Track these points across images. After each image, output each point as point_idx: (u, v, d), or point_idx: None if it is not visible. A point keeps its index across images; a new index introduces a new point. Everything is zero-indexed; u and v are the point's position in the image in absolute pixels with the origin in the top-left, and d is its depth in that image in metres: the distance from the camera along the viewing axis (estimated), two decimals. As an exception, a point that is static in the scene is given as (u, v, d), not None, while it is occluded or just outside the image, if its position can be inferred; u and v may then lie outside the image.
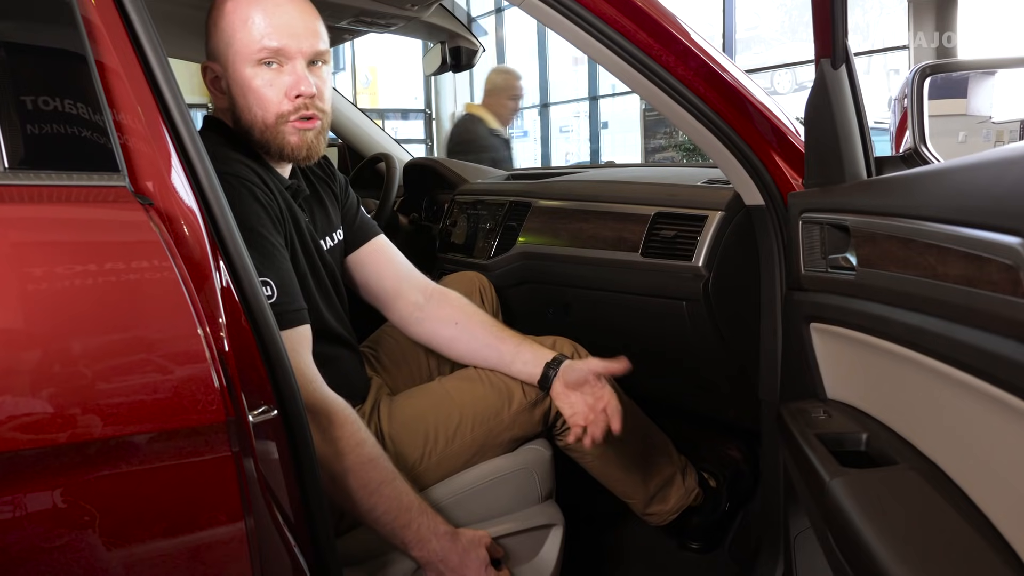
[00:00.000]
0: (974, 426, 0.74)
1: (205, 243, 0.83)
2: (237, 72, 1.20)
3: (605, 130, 11.22)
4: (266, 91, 1.20)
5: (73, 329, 0.74)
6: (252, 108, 1.21)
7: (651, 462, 1.51)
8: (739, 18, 8.92)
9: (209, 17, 1.23)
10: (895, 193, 0.93)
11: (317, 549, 0.94)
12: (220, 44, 1.21)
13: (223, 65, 1.22)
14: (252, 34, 1.18)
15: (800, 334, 1.15)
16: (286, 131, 1.22)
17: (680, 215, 1.57)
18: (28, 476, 0.72)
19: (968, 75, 1.55)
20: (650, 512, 1.54)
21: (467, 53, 2.27)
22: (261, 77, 1.19)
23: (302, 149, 1.24)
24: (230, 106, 1.23)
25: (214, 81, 1.24)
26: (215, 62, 1.23)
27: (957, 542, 0.73)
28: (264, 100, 1.20)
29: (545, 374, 1.33)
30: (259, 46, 1.18)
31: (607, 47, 1.16)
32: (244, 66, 1.19)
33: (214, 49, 1.23)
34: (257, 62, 1.19)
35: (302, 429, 0.91)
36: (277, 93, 1.20)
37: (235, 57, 1.20)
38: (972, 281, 0.69)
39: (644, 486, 1.51)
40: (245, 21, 1.18)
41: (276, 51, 1.19)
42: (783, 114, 1.24)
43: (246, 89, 1.20)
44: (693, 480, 1.56)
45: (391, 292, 1.46)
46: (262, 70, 1.19)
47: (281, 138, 1.22)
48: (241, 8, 1.19)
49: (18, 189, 0.76)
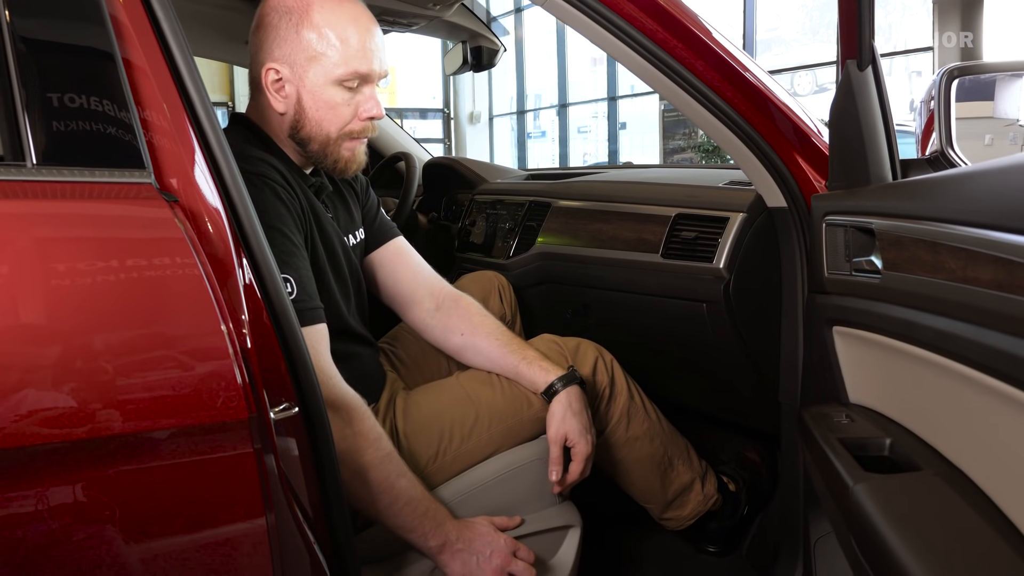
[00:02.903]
0: (1001, 432, 0.73)
1: (229, 240, 0.83)
2: (317, 86, 1.20)
3: (623, 131, 11.20)
4: (343, 110, 1.22)
5: (97, 325, 0.75)
6: (323, 123, 1.22)
7: (670, 468, 1.49)
8: (760, 19, 8.88)
9: (285, 20, 1.20)
10: (922, 196, 0.92)
11: (336, 546, 0.94)
12: (299, 52, 1.19)
13: (297, 74, 1.20)
14: (344, 55, 1.19)
15: (822, 337, 1.14)
16: (343, 147, 1.25)
17: (701, 216, 1.56)
18: (50, 470, 0.73)
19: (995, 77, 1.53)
20: (667, 517, 1.53)
21: (488, 53, 2.27)
22: (342, 96, 1.21)
23: (353, 164, 1.28)
24: (290, 112, 1.23)
25: (277, 84, 1.22)
26: (285, 66, 1.20)
27: (982, 549, 0.72)
28: (340, 119, 1.22)
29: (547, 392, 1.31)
30: (350, 69, 1.19)
31: (629, 46, 1.15)
32: (327, 83, 1.20)
33: (288, 55, 1.20)
34: (342, 82, 1.20)
35: (323, 426, 0.91)
36: (352, 112, 1.23)
37: (319, 71, 1.19)
38: (1003, 286, 0.68)
39: (662, 492, 1.50)
40: (341, 40, 1.18)
41: (364, 76, 1.21)
42: (806, 115, 1.23)
43: (323, 104, 1.21)
44: (712, 486, 1.55)
45: (406, 297, 1.47)
46: (343, 89, 1.21)
47: (337, 152, 1.25)
48: (334, 24, 1.18)
49: (44, 185, 0.77)
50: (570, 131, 12.05)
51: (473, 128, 13.17)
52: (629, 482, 1.49)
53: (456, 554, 1.15)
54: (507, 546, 1.17)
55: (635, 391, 1.45)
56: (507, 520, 1.23)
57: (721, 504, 1.58)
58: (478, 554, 1.15)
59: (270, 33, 1.20)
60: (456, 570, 1.15)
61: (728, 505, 1.60)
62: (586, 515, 1.37)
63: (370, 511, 1.12)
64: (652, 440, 1.46)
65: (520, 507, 1.28)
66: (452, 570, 1.15)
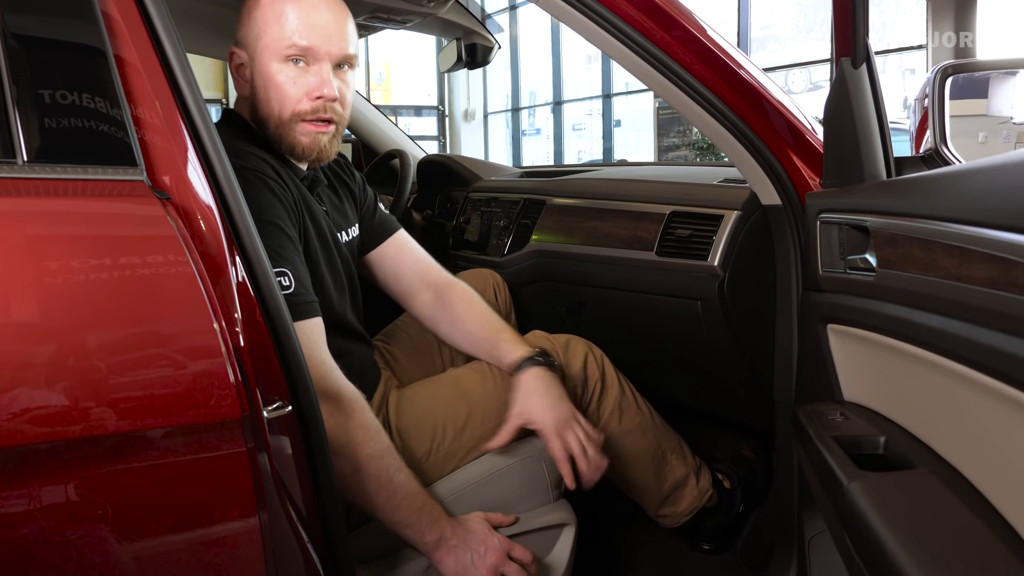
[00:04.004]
0: (995, 430, 0.73)
1: (221, 238, 0.83)
2: (263, 64, 1.21)
3: (618, 128, 11.21)
4: (288, 87, 1.21)
5: (89, 323, 0.74)
6: (271, 102, 1.22)
7: (664, 463, 1.50)
8: (754, 16, 8.88)
9: (244, 4, 1.24)
10: (917, 194, 0.92)
11: (330, 546, 0.94)
12: (250, 33, 1.22)
13: (250, 55, 1.23)
14: (284, 30, 1.19)
15: (817, 335, 1.14)
16: (298, 130, 1.23)
17: (696, 214, 1.56)
18: (43, 470, 0.72)
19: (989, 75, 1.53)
20: (662, 514, 1.53)
21: (482, 50, 2.27)
22: (285, 73, 1.21)
23: (313, 151, 1.26)
24: (250, 95, 1.25)
25: (239, 68, 1.25)
26: (243, 50, 1.24)
27: (977, 547, 0.72)
28: (284, 96, 1.21)
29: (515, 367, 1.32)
30: (289, 43, 1.19)
31: (623, 43, 1.15)
32: (271, 60, 1.20)
33: (244, 37, 1.23)
34: (284, 58, 1.20)
35: (316, 425, 0.91)
36: (298, 91, 1.21)
37: (263, 49, 1.21)
38: (997, 284, 0.68)
39: (657, 487, 1.50)
40: (279, 16, 1.19)
41: (305, 50, 1.20)
42: (800, 112, 1.23)
43: (268, 82, 1.21)
44: (707, 482, 1.55)
45: (408, 290, 1.50)
46: (288, 66, 1.20)
47: (292, 136, 1.23)
48: (277, 2, 1.20)
49: (36, 182, 0.76)
50: (565, 128, 12.05)
51: (468, 125, 13.15)
52: (624, 477, 1.49)
53: (451, 551, 1.14)
54: (501, 545, 1.17)
55: (626, 385, 1.46)
56: (502, 517, 1.23)
57: (717, 501, 1.58)
58: (472, 551, 1.15)
59: (239, 22, 1.25)
60: (450, 567, 1.14)
61: (723, 502, 1.60)
62: (581, 513, 1.36)
63: (368, 506, 1.12)
64: (645, 434, 1.46)
65: (514, 505, 1.27)
66: (447, 567, 1.15)
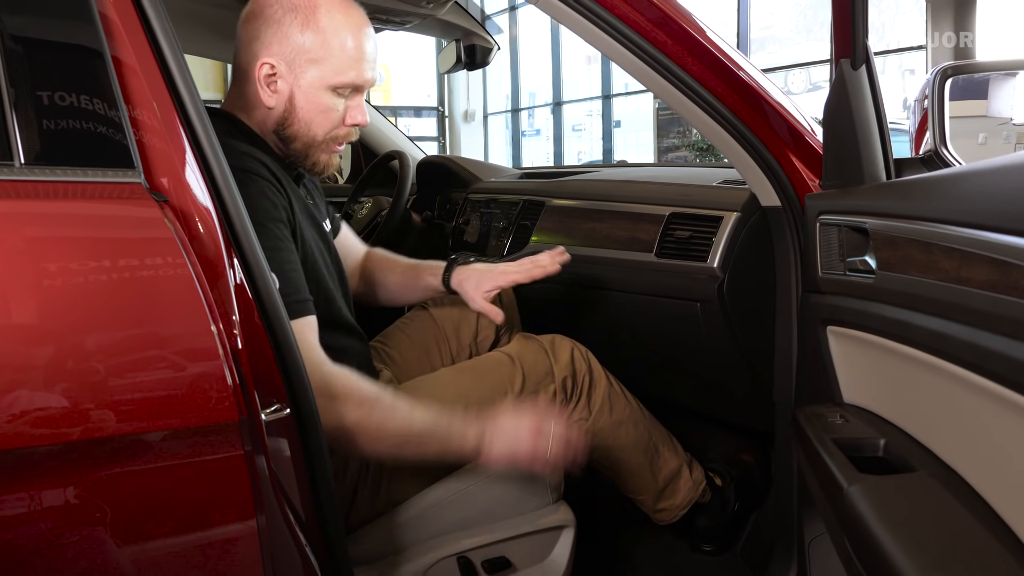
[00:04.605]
0: (995, 432, 0.73)
1: (219, 240, 0.83)
2: (312, 89, 1.19)
3: (618, 129, 11.21)
4: (333, 115, 1.22)
5: (87, 326, 0.74)
6: (312, 124, 1.22)
7: (656, 454, 1.51)
8: (754, 17, 8.88)
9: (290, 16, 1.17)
10: (916, 196, 0.92)
11: (328, 548, 0.94)
12: (301, 53, 1.17)
13: (295, 73, 1.19)
14: (345, 63, 1.18)
15: (816, 337, 1.14)
16: (323, 149, 1.25)
17: (695, 215, 1.56)
18: (41, 472, 0.72)
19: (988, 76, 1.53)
20: (660, 508, 1.54)
21: (482, 51, 2.27)
22: (336, 101, 1.21)
23: (330, 167, 1.29)
24: (279, 109, 1.21)
25: (270, 80, 1.19)
26: (282, 63, 1.18)
27: (977, 550, 0.72)
28: (329, 123, 1.22)
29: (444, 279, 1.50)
30: (348, 79, 1.19)
31: (623, 45, 1.15)
32: (323, 87, 1.19)
33: (289, 53, 1.17)
34: (337, 88, 1.20)
35: (315, 428, 0.91)
36: (339, 117, 1.23)
37: (317, 75, 1.18)
38: (997, 286, 0.68)
39: (653, 480, 1.51)
40: (342, 46, 1.17)
41: (359, 87, 1.22)
42: (800, 114, 1.23)
43: (315, 107, 1.20)
44: (700, 473, 1.57)
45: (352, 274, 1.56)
46: (336, 96, 1.21)
47: (317, 155, 1.25)
48: (340, 31, 1.17)
49: (33, 185, 0.76)
50: (564, 129, 12.05)
51: (467, 126, 13.15)
52: (620, 472, 1.50)
53: (494, 443, 1.14)
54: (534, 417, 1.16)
55: (612, 379, 1.48)
56: None
57: (710, 498, 1.58)
58: (509, 428, 1.15)
59: (271, 27, 1.18)
60: (501, 452, 1.14)
61: (716, 500, 1.60)
62: (580, 515, 1.36)
63: (404, 458, 1.15)
64: (636, 425, 1.48)
65: (514, 507, 1.27)
66: (499, 454, 1.15)
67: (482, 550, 1.24)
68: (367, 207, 2.40)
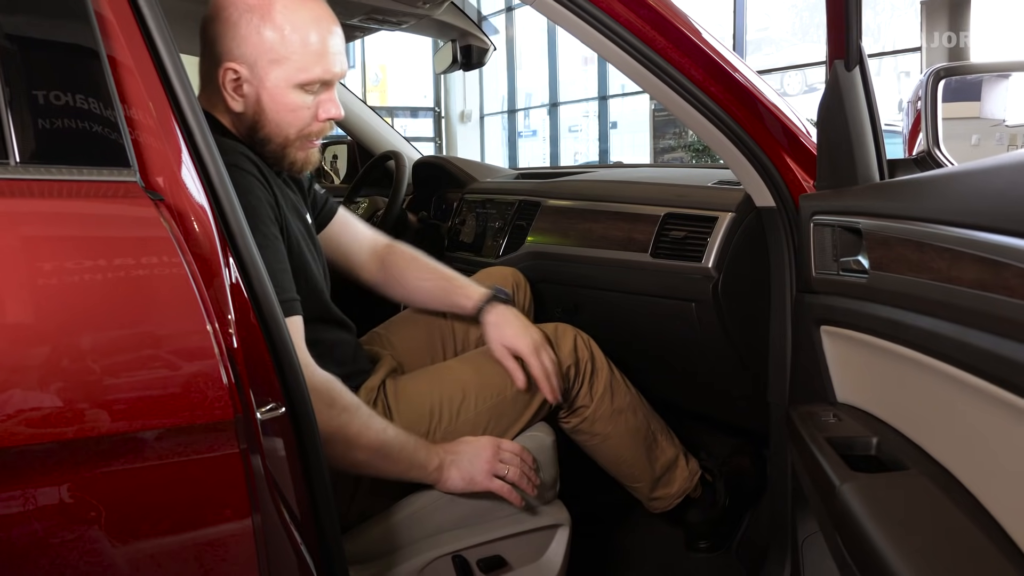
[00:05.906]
0: (987, 431, 0.73)
1: (215, 239, 0.83)
2: (278, 89, 1.17)
3: (614, 130, 11.22)
4: (303, 113, 1.20)
5: (82, 324, 0.74)
6: (283, 125, 1.20)
7: (655, 443, 1.52)
8: (750, 19, 8.90)
9: (246, 18, 1.15)
10: (909, 196, 0.92)
11: (323, 547, 0.94)
12: (261, 54, 1.15)
13: (258, 75, 1.16)
14: (307, 59, 1.16)
15: (810, 337, 1.15)
16: (297, 147, 1.23)
17: (690, 216, 1.56)
18: (36, 471, 0.72)
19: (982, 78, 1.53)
20: (656, 496, 1.55)
21: (478, 52, 2.27)
22: (303, 99, 1.19)
23: (308, 164, 1.27)
24: (249, 113, 1.19)
25: (236, 85, 1.17)
26: (244, 66, 1.16)
27: (968, 548, 0.72)
28: (300, 121, 1.20)
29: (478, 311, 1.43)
30: (314, 75, 1.17)
31: (619, 46, 1.15)
32: (289, 85, 1.17)
33: (250, 55, 1.15)
34: (304, 85, 1.18)
35: (310, 427, 0.91)
36: (311, 114, 1.21)
37: (281, 74, 1.16)
38: (987, 286, 0.68)
39: (650, 468, 1.52)
40: (304, 41, 1.15)
41: (328, 81, 1.19)
42: (795, 115, 1.23)
43: (283, 107, 1.18)
44: (695, 463, 1.59)
45: (356, 263, 1.54)
46: (304, 93, 1.18)
47: (292, 153, 1.24)
48: (298, 26, 1.15)
49: (29, 183, 0.76)
50: (561, 130, 12.06)
51: (464, 127, 13.15)
52: (618, 460, 1.51)
53: (451, 466, 1.21)
54: (490, 442, 1.24)
55: (613, 368, 1.49)
56: None
57: (701, 492, 1.60)
58: (468, 457, 1.22)
59: (229, 30, 1.15)
60: (456, 479, 1.21)
61: (706, 495, 1.61)
62: (575, 513, 1.37)
63: (371, 471, 1.16)
64: (636, 413, 1.50)
65: (508, 506, 1.28)
66: (453, 482, 1.21)
67: (477, 549, 1.25)
68: (363, 207, 2.40)
